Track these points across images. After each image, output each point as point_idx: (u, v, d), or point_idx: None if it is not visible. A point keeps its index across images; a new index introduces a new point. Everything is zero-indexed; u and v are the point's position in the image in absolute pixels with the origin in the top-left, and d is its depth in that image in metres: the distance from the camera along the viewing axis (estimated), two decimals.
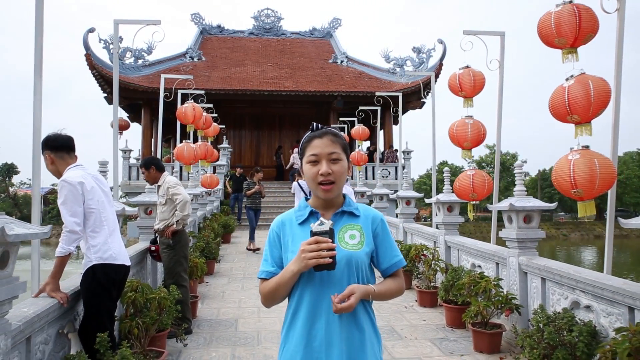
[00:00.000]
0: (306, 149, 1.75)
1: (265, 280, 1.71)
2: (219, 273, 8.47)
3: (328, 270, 1.56)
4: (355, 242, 1.69)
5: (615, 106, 3.75)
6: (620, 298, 3.36)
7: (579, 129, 3.66)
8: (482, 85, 5.90)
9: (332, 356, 1.60)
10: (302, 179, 11.58)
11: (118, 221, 3.87)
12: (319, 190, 1.70)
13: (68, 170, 3.25)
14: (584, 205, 3.67)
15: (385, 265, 1.76)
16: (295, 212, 1.79)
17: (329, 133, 1.75)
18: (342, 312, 1.55)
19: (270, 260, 1.74)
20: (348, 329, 1.63)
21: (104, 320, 3.31)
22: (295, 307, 1.67)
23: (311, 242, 1.55)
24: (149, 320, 3.81)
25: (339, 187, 1.71)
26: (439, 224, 6.65)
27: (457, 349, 4.66)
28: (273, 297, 1.69)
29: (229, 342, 4.84)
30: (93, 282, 3.27)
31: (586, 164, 3.62)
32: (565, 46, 3.72)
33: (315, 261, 1.53)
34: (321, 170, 1.68)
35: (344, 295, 1.55)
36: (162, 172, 5.29)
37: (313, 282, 1.63)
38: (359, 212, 1.76)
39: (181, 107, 9.44)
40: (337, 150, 1.71)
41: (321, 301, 1.63)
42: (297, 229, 1.73)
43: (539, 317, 3.80)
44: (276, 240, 1.76)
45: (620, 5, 3.58)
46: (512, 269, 4.78)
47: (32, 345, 2.73)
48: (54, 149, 3.26)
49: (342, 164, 1.71)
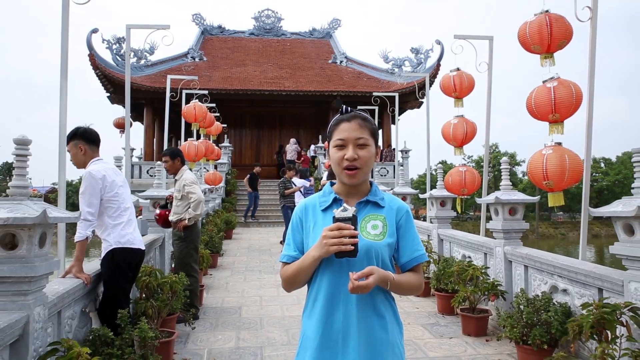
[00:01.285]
0: (334, 132, 1.70)
1: (287, 264, 1.71)
2: (222, 266, 8.81)
3: (349, 257, 1.54)
4: (377, 233, 1.66)
5: (589, 107, 4.10)
6: (591, 280, 3.71)
7: (553, 127, 4.01)
8: (472, 86, 6.26)
9: (348, 344, 1.59)
10: (297, 176, 11.68)
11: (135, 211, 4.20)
12: (343, 175, 1.67)
13: (92, 163, 3.59)
14: (554, 196, 4.02)
15: (405, 258, 1.72)
16: (320, 197, 1.76)
17: (357, 117, 1.69)
18: (358, 291, 1.51)
19: (293, 245, 1.74)
20: (367, 317, 1.61)
21: (121, 300, 3.65)
22: (315, 294, 1.67)
23: (333, 228, 1.53)
24: (161, 303, 4.15)
25: (364, 173, 1.67)
26: (432, 218, 7.00)
27: (446, 332, 5.00)
28: (294, 281, 1.69)
29: (233, 326, 5.17)
30: (112, 264, 3.61)
31: (558, 159, 3.97)
32: (541, 52, 4.06)
33: (336, 247, 1.51)
34: (347, 155, 1.63)
35: (362, 273, 1.52)
36: (184, 165, 5.58)
37: (332, 269, 1.62)
38: (384, 203, 1.72)
39: (186, 106, 9.79)
40: (364, 135, 1.66)
41: (340, 289, 1.61)
42: (319, 214, 1.71)
43: (520, 299, 4.14)
44: (299, 225, 1.75)
45: (592, 15, 3.92)
46: (498, 258, 5.12)
47: (62, 319, 3.07)
48: (89, 141, 3.61)
49: (369, 149, 1.66)
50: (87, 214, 3.45)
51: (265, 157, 23.92)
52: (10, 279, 2.46)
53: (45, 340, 2.68)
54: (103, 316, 3.55)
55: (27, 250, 2.50)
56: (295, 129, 23.80)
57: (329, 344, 1.60)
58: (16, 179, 2.64)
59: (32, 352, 2.51)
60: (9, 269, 2.45)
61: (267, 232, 14.29)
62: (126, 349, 3.15)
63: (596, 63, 4.05)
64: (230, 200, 17.09)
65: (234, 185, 18.63)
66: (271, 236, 13.02)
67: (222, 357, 4.24)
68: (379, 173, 19.89)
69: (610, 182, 49.79)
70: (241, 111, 23.45)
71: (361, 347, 1.59)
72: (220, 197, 16.58)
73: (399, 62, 22.93)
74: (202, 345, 4.58)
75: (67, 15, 3.67)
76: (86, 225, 3.46)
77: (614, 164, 52.78)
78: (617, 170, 51.26)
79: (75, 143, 3.59)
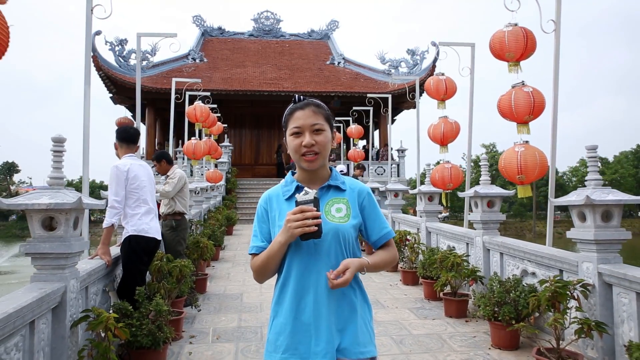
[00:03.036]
0: (289, 121, 1.74)
1: (256, 255, 1.73)
2: (224, 259, 9.29)
3: (314, 238, 1.58)
4: (342, 215, 1.69)
5: (553, 109, 4.57)
6: (554, 263, 4.19)
7: (520, 127, 4.49)
8: (454, 90, 6.75)
9: (320, 327, 1.62)
10: None
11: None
12: (302, 161, 1.70)
13: (123, 158, 4.09)
14: (523, 188, 4.51)
15: (375, 237, 1.77)
16: (282, 187, 1.80)
17: (310, 104, 1.72)
18: (338, 287, 1.57)
19: (260, 236, 1.76)
20: (337, 300, 1.65)
21: (137, 280, 4.12)
22: (284, 280, 1.69)
23: (296, 212, 1.56)
24: (171, 285, 4.61)
25: (323, 157, 1.71)
26: (421, 212, 7.48)
27: (430, 315, 5.47)
28: (264, 271, 1.71)
29: (235, 310, 5.64)
30: (129, 249, 4.09)
31: (530, 155, 4.46)
32: (513, 60, 4.55)
33: (301, 230, 1.54)
34: (304, 142, 1.67)
35: (339, 271, 1.56)
36: (172, 165, 6.07)
37: (301, 255, 1.65)
38: (345, 186, 1.76)
39: (190, 107, 10.28)
40: (319, 121, 1.70)
41: (309, 274, 1.64)
42: (283, 204, 1.74)
43: (493, 281, 4.61)
44: (264, 215, 1.77)
45: (556, 27, 4.39)
46: (477, 247, 5.59)
47: (88, 293, 3.54)
48: (121, 140, 4.16)
49: (325, 134, 1.70)
50: (114, 201, 3.94)
51: (265, 157, 24.43)
52: (51, 255, 2.94)
53: (78, 309, 3.15)
54: (122, 293, 4.03)
55: (65, 231, 2.97)
56: None
57: (302, 328, 1.63)
58: (53, 172, 3.11)
59: (69, 317, 2.98)
60: (50, 246, 2.92)
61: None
62: (144, 321, 3.62)
63: (593, 63, 4.62)
64: (230, 198, 17.57)
65: (234, 184, 19.11)
66: None
67: (226, 334, 4.72)
68: (375, 172, 20.35)
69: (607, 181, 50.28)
70: (241, 111, 23.92)
71: (332, 327, 1.63)
72: (221, 195, 17.05)
73: (396, 63, 23.41)
74: (207, 325, 5.05)
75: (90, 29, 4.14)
76: (112, 213, 3.95)
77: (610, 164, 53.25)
78: (613, 169, 51.73)
79: (114, 143, 4.12)
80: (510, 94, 4.52)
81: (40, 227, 2.95)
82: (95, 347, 2.95)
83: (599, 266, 3.57)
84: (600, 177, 3.72)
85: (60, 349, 2.91)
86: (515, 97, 4.84)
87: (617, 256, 3.63)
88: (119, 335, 3.03)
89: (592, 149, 3.74)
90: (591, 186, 3.72)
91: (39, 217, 2.94)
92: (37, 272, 2.97)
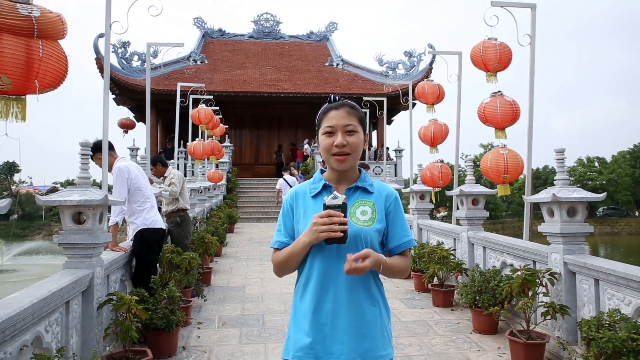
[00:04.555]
0: (322, 120, 1.75)
1: (278, 250, 1.76)
2: (226, 255, 9.72)
3: (339, 244, 1.57)
4: (367, 219, 1.69)
5: (529, 115, 5.01)
6: (529, 255, 4.62)
7: (498, 133, 4.93)
8: (442, 94, 7.22)
9: (337, 327, 1.63)
10: (288, 173, 12.75)
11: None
12: (333, 161, 1.71)
13: (117, 162, 4.53)
14: (503, 187, 4.96)
15: (394, 243, 1.75)
16: (310, 184, 1.80)
17: (345, 105, 1.74)
18: (354, 272, 1.56)
19: (284, 231, 1.77)
20: (357, 301, 1.66)
21: (150, 269, 4.57)
22: (306, 278, 1.70)
23: (324, 215, 1.56)
24: (180, 276, 5.05)
25: (354, 158, 1.71)
26: (413, 210, 7.92)
27: (419, 304, 5.91)
28: (285, 267, 1.74)
29: (239, 300, 6.08)
30: (141, 241, 4.54)
31: (514, 157, 4.94)
32: (497, 70, 4.99)
33: (326, 234, 1.54)
34: (336, 142, 1.68)
35: (359, 255, 1.56)
36: (166, 167, 6.54)
37: (323, 255, 1.65)
38: (372, 189, 1.75)
39: (195, 110, 10.76)
40: (353, 122, 1.70)
41: (330, 274, 1.65)
42: (310, 201, 1.74)
43: (475, 272, 5.05)
44: (289, 212, 1.78)
45: (531, 40, 4.82)
46: (463, 242, 6.03)
47: (110, 281, 3.98)
48: (113, 149, 4.58)
49: (358, 135, 1.70)
50: (119, 199, 4.38)
51: (265, 157, 24.87)
52: (80, 245, 3.37)
53: (102, 293, 3.59)
54: (137, 282, 4.46)
55: (92, 225, 3.40)
56: (293, 130, 24.75)
57: (318, 326, 1.64)
58: (81, 172, 3.54)
59: (96, 299, 3.42)
60: (80, 237, 3.36)
61: (266, 226, 15.23)
62: (158, 305, 4.05)
63: (593, 63, 5.06)
64: (231, 197, 18.01)
65: (235, 183, 19.54)
66: (270, 230, 13.94)
67: (230, 321, 5.15)
68: (373, 172, 20.79)
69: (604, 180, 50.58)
70: (241, 112, 24.34)
71: (350, 329, 1.63)
72: (222, 194, 17.48)
73: (393, 65, 23.83)
74: (213, 313, 5.49)
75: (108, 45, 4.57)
76: (116, 211, 4.39)
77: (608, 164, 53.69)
78: (610, 169, 52.17)
79: (112, 153, 4.56)
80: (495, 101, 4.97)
81: (70, 220, 3.38)
82: (119, 325, 3.38)
83: (564, 257, 4.00)
84: (568, 177, 4.15)
85: (89, 327, 3.34)
86: (500, 105, 5.27)
87: (581, 247, 4.06)
88: (139, 315, 3.46)
89: (561, 152, 4.17)
90: (559, 185, 4.16)
91: (70, 212, 3.37)
92: (68, 260, 3.40)
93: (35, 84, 2.11)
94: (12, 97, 2.08)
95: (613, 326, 3.07)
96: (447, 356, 4.15)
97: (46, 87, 2.21)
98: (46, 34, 2.11)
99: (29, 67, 2.09)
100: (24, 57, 2.08)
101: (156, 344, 3.95)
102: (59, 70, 2.25)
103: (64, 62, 2.27)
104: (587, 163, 53.30)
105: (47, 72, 2.18)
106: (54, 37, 2.19)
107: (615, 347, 2.81)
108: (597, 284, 3.69)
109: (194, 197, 9.89)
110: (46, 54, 2.12)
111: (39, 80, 2.13)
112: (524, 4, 4.71)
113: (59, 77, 2.26)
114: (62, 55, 2.26)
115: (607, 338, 2.86)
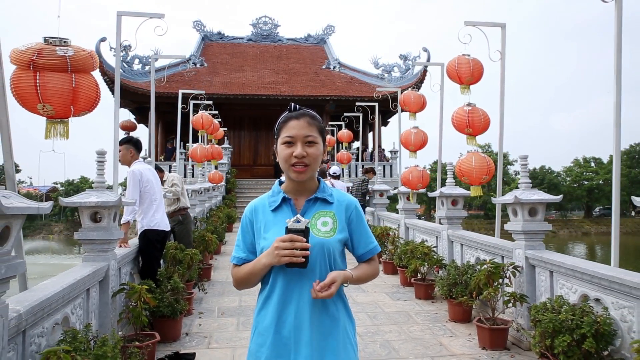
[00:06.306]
0: (282, 129, 1.71)
1: (238, 266, 1.75)
2: (225, 253, 10.22)
3: (300, 267, 1.58)
4: (328, 229, 1.68)
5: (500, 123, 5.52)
6: (498, 251, 5.12)
7: (469, 140, 5.44)
8: (425, 104, 7.75)
9: (300, 341, 1.62)
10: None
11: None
12: (291, 171, 1.68)
13: (134, 164, 5.00)
14: (476, 188, 5.48)
15: (361, 251, 1.77)
16: (269, 197, 1.78)
17: (306, 115, 1.70)
18: (322, 298, 1.58)
19: (242, 246, 1.76)
20: (319, 315, 1.65)
21: (154, 265, 5.06)
22: (268, 292, 1.69)
23: (286, 240, 1.55)
24: (183, 270, 5.54)
25: (312, 169, 1.70)
26: (400, 210, 8.42)
27: (402, 297, 6.41)
28: (245, 283, 1.74)
29: (236, 293, 6.56)
30: (145, 240, 5.03)
31: (490, 161, 5.44)
32: (470, 83, 5.49)
33: (288, 259, 1.55)
34: (295, 152, 1.65)
35: (325, 284, 1.58)
36: (162, 172, 7.01)
37: (286, 271, 1.64)
38: (332, 199, 1.75)
39: (197, 116, 11.34)
40: (313, 133, 1.68)
41: (293, 287, 1.64)
42: (269, 215, 1.72)
43: (451, 267, 5.55)
44: (249, 227, 1.76)
45: (502, 56, 5.32)
46: (443, 240, 6.53)
47: (121, 273, 4.47)
48: (137, 149, 5.04)
49: (317, 147, 1.68)
50: (131, 200, 4.86)
51: (263, 158, 25.39)
52: (98, 241, 3.86)
53: (116, 283, 4.09)
54: (143, 275, 4.95)
55: (107, 223, 3.89)
56: None
57: (282, 342, 1.63)
58: (97, 177, 4.03)
59: (111, 288, 3.91)
60: (97, 234, 3.85)
61: None
62: (164, 295, 4.54)
63: (592, 63, 5.53)
64: (230, 197, 18.50)
65: (234, 184, 20.04)
66: None
67: (229, 311, 5.65)
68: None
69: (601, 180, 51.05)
70: (240, 114, 24.83)
71: (313, 342, 1.62)
72: (221, 195, 17.98)
73: (389, 68, 24.35)
74: (213, 304, 5.99)
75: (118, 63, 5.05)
76: (129, 210, 4.87)
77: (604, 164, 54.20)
78: (607, 169, 52.65)
79: (128, 147, 5.00)
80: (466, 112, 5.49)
81: (89, 219, 3.87)
82: (131, 311, 3.88)
83: (526, 252, 4.50)
84: (529, 180, 4.65)
85: (105, 312, 3.84)
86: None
87: (541, 244, 4.56)
88: (148, 302, 3.95)
89: (524, 158, 4.67)
90: (522, 188, 4.65)
91: (88, 212, 3.86)
92: (87, 254, 3.89)
93: (71, 109, 2.59)
94: (56, 120, 2.54)
95: (559, 310, 3.57)
96: (423, 341, 4.66)
97: (81, 110, 2.69)
98: (78, 69, 2.59)
99: (66, 96, 2.57)
100: (61, 88, 2.55)
101: (162, 329, 4.44)
102: (91, 97, 2.74)
103: (94, 89, 2.76)
104: (583, 163, 53.84)
105: (80, 99, 2.66)
106: (85, 70, 2.67)
107: (555, 326, 3.31)
108: (552, 276, 4.19)
109: (195, 198, 10.38)
110: (78, 84, 2.60)
111: (74, 106, 2.61)
112: (494, 24, 5.22)
113: (91, 102, 2.75)
114: (93, 84, 2.75)
115: (548, 319, 3.37)
